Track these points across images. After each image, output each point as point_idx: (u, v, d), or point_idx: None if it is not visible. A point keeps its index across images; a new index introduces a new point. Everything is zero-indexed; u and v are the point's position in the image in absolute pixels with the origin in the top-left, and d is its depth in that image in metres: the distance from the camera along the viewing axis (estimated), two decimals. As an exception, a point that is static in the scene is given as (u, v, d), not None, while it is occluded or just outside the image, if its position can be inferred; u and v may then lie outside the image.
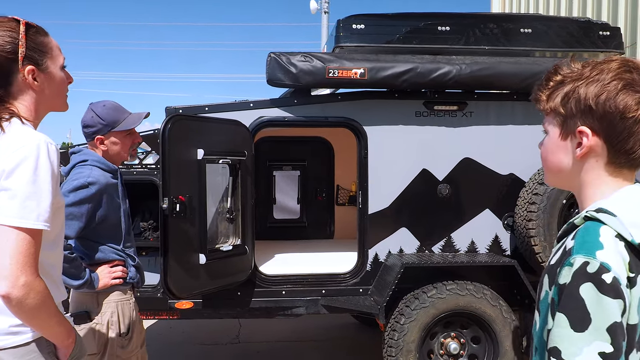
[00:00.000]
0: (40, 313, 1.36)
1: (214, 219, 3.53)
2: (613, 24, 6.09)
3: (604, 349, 0.88)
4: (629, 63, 0.98)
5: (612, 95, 0.97)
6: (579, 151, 1.01)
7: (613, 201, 0.98)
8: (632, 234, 0.93)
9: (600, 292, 0.89)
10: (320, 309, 3.69)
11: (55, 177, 1.39)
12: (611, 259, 0.91)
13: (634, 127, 0.96)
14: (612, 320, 0.88)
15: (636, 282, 0.92)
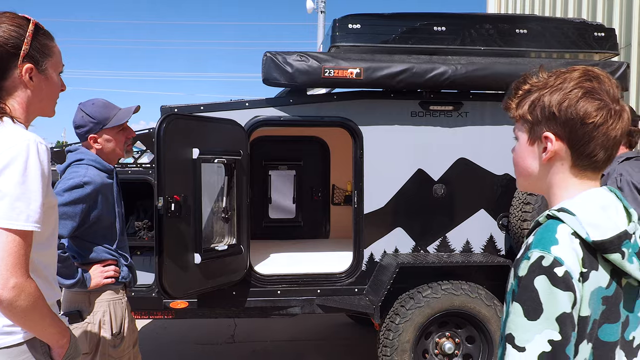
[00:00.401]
0: (32, 314, 1.35)
1: (209, 219, 3.53)
2: (608, 25, 6.12)
3: (553, 337, 0.95)
4: (590, 72, 1.05)
5: (573, 102, 1.03)
6: (545, 155, 1.08)
7: (575, 202, 1.04)
8: (588, 233, 0.99)
9: (552, 284, 0.96)
10: (316, 309, 3.69)
11: (46, 177, 1.38)
12: (564, 254, 0.98)
13: (593, 132, 1.03)
14: (561, 311, 0.95)
15: (588, 277, 0.99)
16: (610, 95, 1.04)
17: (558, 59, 3.87)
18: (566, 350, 0.96)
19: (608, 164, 1.08)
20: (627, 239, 1.00)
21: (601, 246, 0.99)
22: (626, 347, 1.04)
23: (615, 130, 1.04)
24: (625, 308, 1.04)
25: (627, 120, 1.05)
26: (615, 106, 1.04)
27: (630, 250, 1.01)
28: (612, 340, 1.02)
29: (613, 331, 1.02)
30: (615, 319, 1.02)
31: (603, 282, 1.00)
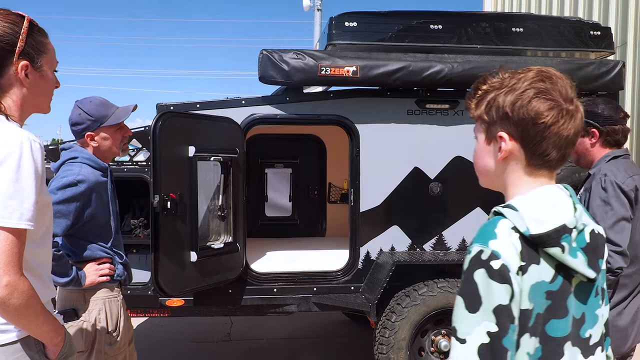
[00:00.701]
0: (26, 313, 1.35)
1: (206, 217, 3.52)
2: (604, 23, 6.13)
3: (490, 328, 0.97)
4: (543, 73, 1.07)
5: (525, 102, 1.05)
6: (500, 155, 1.10)
7: (524, 198, 1.06)
8: (529, 227, 1.00)
9: (489, 277, 0.98)
10: (312, 307, 3.69)
11: (40, 175, 1.38)
12: (502, 248, 1.00)
13: (545, 131, 1.05)
14: (497, 303, 0.98)
15: (527, 271, 1.00)
16: (563, 95, 1.05)
17: (554, 57, 3.88)
18: (503, 342, 0.97)
19: (562, 163, 1.09)
20: (567, 233, 1.01)
21: (539, 240, 1.00)
22: (582, 345, 1.05)
23: (567, 129, 1.05)
24: (579, 304, 1.06)
25: (580, 120, 1.07)
26: (568, 106, 1.05)
27: (576, 245, 1.03)
28: (560, 335, 1.02)
29: (561, 326, 1.02)
30: (562, 315, 1.02)
31: (546, 276, 1.01)
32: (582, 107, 1.08)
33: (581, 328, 1.06)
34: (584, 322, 1.06)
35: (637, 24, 5.93)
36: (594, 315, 1.08)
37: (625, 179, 2.15)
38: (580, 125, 1.07)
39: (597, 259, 1.07)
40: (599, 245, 1.09)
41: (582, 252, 1.04)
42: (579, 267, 1.02)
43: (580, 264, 1.02)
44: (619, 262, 2.04)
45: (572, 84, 1.08)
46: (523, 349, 1.01)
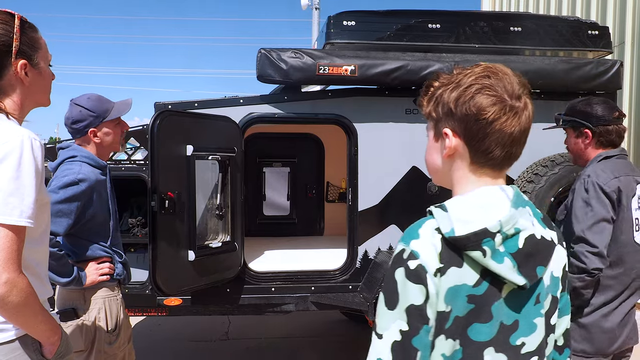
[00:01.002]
0: (24, 310, 1.35)
1: (203, 216, 3.52)
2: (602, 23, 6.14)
3: (402, 327, 0.98)
4: (489, 69, 1.05)
5: (467, 98, 1.03)
6: (444, 152, 1.08)
7: (459, 198, 1.05)
8: (455, 229, 0.98)
9: (405, 277, 0.99)
10: (310, 306, 3.69)
11: (40, 173, 1.38)
12: (422, 248, 1.00)
13: (487, 128, 1.02)
14: (410, 302, 0.98)
15: (445, 273, 0.99)
16: (509, 92, 1.03)
17: (552, 56, 3.88)
18: (412, 341, 0.98)
19: (509, 161, 1.07)
20: (488, 237, 0.98)
21: (458, 242, 0.98)
22: (510, 352, 1.02)
23: (510, 127, 1.02)
24: (511, 311, 1.02)
25: (528, 117, 1.04)
26: (515, 102, 1.02)
27: (504, 250, 0.99)
28: (482, 340, 1.01)
29: (484, 331, 1.00)
30: (486, 320, 1.00)
31: (469, 279, 0.99)
32: (531, 105, 1.05)
33: (511, 335, 1.03)
34: (515, 330, 1.03)
35: (634, 24, 5.94)
36: (531, 323, 1.04)
37: (608, 180, 2.13)
38: (528, 123, 1.04)
39: (534, 266, 1.01)
40: (539, 251, 1.03)
41: (511, 257, 0.99)
42: (505, 272, 0.98)
43: (507, 270, 0.98)
44: (595, 263, 2.03)
45: (522, 81, 1.05)
46: (438, 350, 1.00)
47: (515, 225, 1.00)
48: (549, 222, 1.11)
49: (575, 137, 2.33)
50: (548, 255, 1.04)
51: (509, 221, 1.00)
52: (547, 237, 1.05)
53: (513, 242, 1.00)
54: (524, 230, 1.01)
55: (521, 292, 1.03)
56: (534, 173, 3.52)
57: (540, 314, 1.05)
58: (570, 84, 3.74)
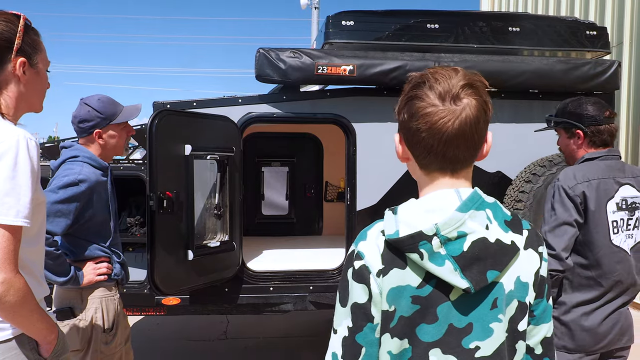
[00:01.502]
0: (21, 310, 1.35)
1: (202, 215, 3.52)
2: (600, 23, 6.15)
3: (349, 323, 1.04)
4: (427, 74, 1.05)
5: (402, 106, 1.08)
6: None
7: (412, 201, 1.07)
8: (399, 230, 1.01)
9: (351, 276, 1.05)
10: (308, 305, 3.70)
11: (35, 173, 1.38)
12: (367, 250, 1.04)
13: (418, 134, 1.04)
14: (353, 301, 1.04)
15: (387, 273, 1.02)
16: (442, 96, 1.02)
17: (550, 57, 3.89)
18: (356, 338, 1.03)
19: (455, 164, 1.06)
20: (424, 240, 0.99)
21: (395, 244, 1.01)
22: (462, 355, 1.02)
23: (440, 131, 1.01)
24: (461, 314, 1.02)
25: (466, 119, 1.01)
26: (449, 106, 1.01)
27: (445, 252, 0.99)
28: (428, 340, 1.02)
29: (430, 332, 1.01)
30: (432, 321, 1.01)
31: (412, 281, 1.01)
32: (477, 103, 1.02)
33: (464, 338, 1.02)
34: (468, 333, 1.02)
35: (633, 24, 5.95)
36: (487, 328, 1.03)
37: (574, 184, 2.14)
38: (467, 124, 1.01)
39: (482, 270, 0.99)
40: (490, 255, 1.00)
41: (453, 260, 0.98)
42: (445, 275, 0.98)
43: (447, 273, 0.98)
44: (552, 265, 2.07)
45: (471, 81, 1.03)
46: (384, 348, 1.03)
47: (459, 228, 1.00)
48: (515, 226, 1.06)
49: (567, 137, 2.33)
50: (503, 259, 1.01)
51: (449, 224, 0.99)
52: (506, 241, 1.02)
53: (457, 245, 1.00)
54: (471, 234, 1.00)
55: (471, 296, 1.01)
56: (531, 173, 3.53)
57: (498, 319, 1.03)
58: (568, 84, 3.75)
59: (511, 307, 1.05)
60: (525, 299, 1.07)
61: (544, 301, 1.12)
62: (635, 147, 5.83)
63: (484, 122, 1.05)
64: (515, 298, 1.05)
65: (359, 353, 1.03)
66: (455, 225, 0.99)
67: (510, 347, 1.07)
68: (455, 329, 1.02)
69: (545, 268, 1.11)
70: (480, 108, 1.03)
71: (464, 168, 1.07)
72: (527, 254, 1.08)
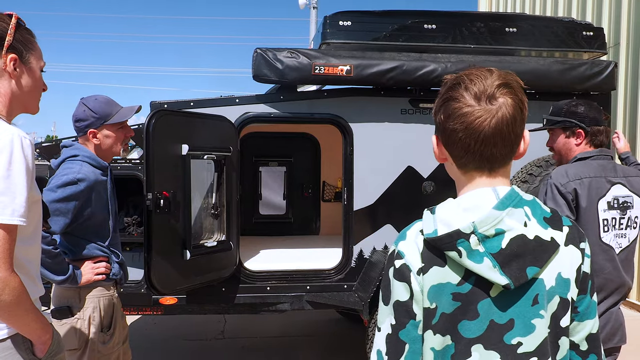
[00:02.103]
0: (16, 309, 1.35)
1: (199, 215, 3.52)
2: (597, 24, 6.17)
3: (392, 321, 1.07)
4: (462, 75, 1.07)
5: (438, 108, 1.10)
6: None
7: (451, 200, 1.09)
8: (437, 230, 1.04)
9: (393, 275, 1.08)
10: (305, 305, 3.70)
11: (30, 171, 1.38)
12: (406, 249, 1.08)
13: (454, 135, 1.06)
14: (395, 299, 1.07)
15: (428, 272, 1.04)
16: (478, 96, 1.04)
17: (547, 57, 3.90)
18: (400, 335, 1.06)
19: (492, 163, 1.07)
20: (462, 238, 1.01)
21: (433, 243, 1.04)
22: (504, 350, 1.04)
23: (477, 131, 1.03)
24: (502, 310, 1.03)
25: (502, 118, 1.03)
26: (485, 105, 1.03)
27: (484, 250, 1.00)
28: (470, 336, 1.03)
29: (471, 328, 1.03)
30: (473, 317, 1.03)
31: (452, 278, 1.03)
32: (513, 102, 1.04)
33: (506, 334, 1.03)
34: (510, 329, 1.03)
35: (629, 25, 5.97)
36: (528, 324, 1.04)
37: (566, 182, 2.18)
38: (503, 122, 1.03)
39: (522, 266, 1.01)
40: (529, 252, 1.01)
41: (492, 257, 1.00)
42: (484, 272, 1.00)
43: (486, 270, 1.00)
44: None
45: (507, 81, 1.05)
46: (427, 344, 1.06)
47: (496, 225, 1.01)
48: (555, 222, 1.07)
49: (565, 137, 2.38)
50: (543, 255, 1.03)
51: (486, 222, 1.01)
52: (545, 237, 1.03)
53: (495, 242, 1.01)
54: (509, 231, 1.01)
55: (512, 292, 1.03)
56: (528, 173, 3.54)
57: (540, 315, 1.04)
58: (564, 85, 3.76)
59: (553, 303, 1.06)
60: (567, 295, 1.08)
61: (587, 297, 1.12)
62: (632, 147, 5.85)
63: (520, 120, 1.06)
64: (557, 294, 1.06)
65: (403, 349, 1.05)
66: (493, 223, 1.01)
67: (553, 343, 1.08)
68: (496, 325, 1.03)
69: (588, 264, 1.12)
70: (517, 107, 1.05)
71: (501, 167, 1.09)
72: (568, 250, 1.09)
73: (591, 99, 3.91)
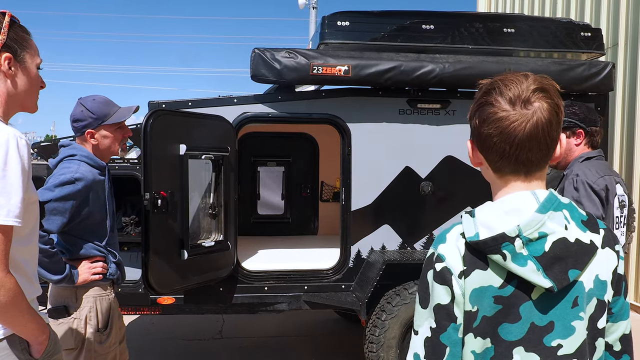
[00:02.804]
0: (11, 310, 1.35)
1: (197, 215, 3.52)
2: (595, 25, 6.17)
3: (432, 324, 1.07)
4: (497, 80, 1.08)
5: (473, 113, 1.11)
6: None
7: (489, 204, 1.10)
8: (479, 233, 1.04)
9: (433, 278, 1.07)
10: (303, 305, 3.70)
11: (26, 172, 1.38)
12: (447, 252, 1.07)
13: (489, 140, 1.07)
14: (436, 302, 1.07)
15: (470, 275, 1.05)
16: (513, 101, 1.04)
17: (545, 58, 3.90)
18: (440, 338, 1.06)
19: (528, 167, 1.07)
20: (507, 242, 1.01)
21: (477, 246, 1.04)
22: (544, 352, 1.04)
23: (512, 135, 1.03)
24: (543, 312, 1.04)
25: (537, 122, 1.03)
26: (520, 110, 1.03)
27: (527, 253, 1.01)
28: (511, 339, 1.04)
29: (513, 331, 1.04)
30: (514, 320, 1.03)
31: (494, 281, 1.03)
32: (549, 106, 1.04)
33: (546, 336, 1.04)
34: (550, 331, 1.04)
35: (628, 26, 5.97)
36: (569, 326, 1.05)
37: (596, 178, 2.22)
38: (538, 127, 1.03)
39: (564, 269, 1.02)
40: (571, 254, 1.03)
41: (535, 261, 1.01)
42: (528, 275, 1.01)
43: (530, 273, 1.01)
44: None
45: (542, 85, 1.05)
46: (468, 347, 1.06)
47: (540, 229, 1.02)
48: (592, 225, 1.08)
49: (566, 137, 2.43)
50: (584, 258, 1.04)
51: (530, 225, 1.02)
52: (585, 240, 1.05)
53: (539, 245, 1.02)
54: (552, 234, 1.02)
55: (553, 295, 1.03)
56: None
57: (580, 317, 1.05)
58: (562, 86, 3.72)
59: (591, 305, 1.07)
60: (604, 297, 1.09)
61: (621, 298, 1.14)
62: (630, 148, 5.86)
63: (556, 124, 1.06)
64: (595, 296, 1.07)
65: (444, 353, 1.05)
66: (537, 227, 1.02)
67: (591, 345, 1.09)
68: (537, 328, 1.04)
69: (622, 266, 1.13)
70: (552, 111, 1.05)
71: (537, 170, 1.09)
72: (605, 252, 1.09)
73: (589, 100, 3.91)
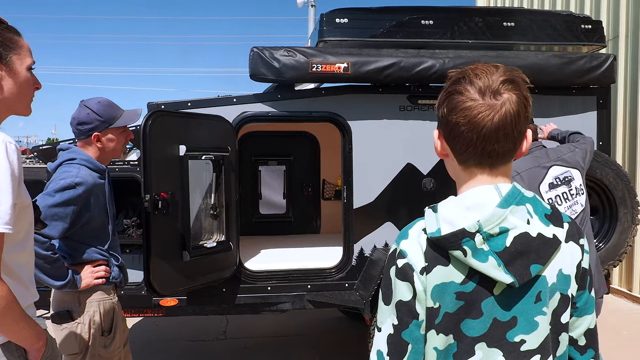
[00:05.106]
0: (4, 318, 1.33)
1: (198, 216, 3.51)
2: (595, 17, 6.14)
3: (394, 321, 1.06)
4: (467, 70, 1.06)
5: (441, 102, 1.08)
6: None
7: (453, 198, 1.07)
8: (441, 228, 1.02)
9: (395, 274, 1.07)
10: (306, 304, 3.69)
11: (16, 177, 1.35)
12: (409, 248, 1.06)
13: (456, 129, 1.04)
14: (398, 298, 1.06)
15: (431, 271, 1.03)
16: (482, 91, 1.02)
17: (546, 51, 3.88)
18: (402, 335, 1.05)
19: (493, 159, 1.05)
20: (467, 237, 0.99)
21: (438, 242, 1.02)
22: (506, 347, 1.03)
23: (479, 126, 1.01)
24: (505, 308, 1.03)
25: (505, 114, 1.01)
26: (488, 101, 1.01)
27: (488, 248, 0.99)
28: (473, 335, 1.03)
29: (475, 327, 1.03)
30: (476, 316, 1.03)
31: (455, 278, 1.02)
32: (517, 98, 1.02)
33: (509, 332, 1.03)
34: (513, 327, 1.03)
35: (628, 17, 5.93)
36: (531, 321, 1.04)
37: (514, 175, 2.48)
38: (506, 119, 1.01)
39: (526, 264, 1.00)
40: (533, 249, 1.01)
41: (496, 256, 0.99)
42: (489, 271, 0.99)
43: (491, 268, 0.99)
44: None
45: (512, 77, 1.03)
46: (430, 344, 1.05)
47: (500, 224, 1.00)
48: (556, 219, 1.06)
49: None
50: (546, 252, 1.02)
51: (490, 220, 1.00)
52: (548, 235, 1.03)
53: (500, 240, 1.00)
54: (513, 229, 1.01)
55: (515, 290, 1.02)
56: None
57: (543, 312, 1.04)
58: (563, 79, 3.74)
59: (554, 299, 1.06)
60: (567, 292, 1.08)
61: (586, 293, 1.13)
62: (632, 141, 5.83)
63: (524, 117, 1.04)
64: (558, 291, 1.06)
65: (406, 350, 1.05)
66: (497, 222, 1.00)
67: (554, 340, 1.08)
68: (499, 323, 1.03)
69: (587, 260, 1.12)
70: (521, 103, 1.03)
71: (502, 164, 1.07)
72: (569, 246, 1.09)
73: (590, 93, 3.89)
